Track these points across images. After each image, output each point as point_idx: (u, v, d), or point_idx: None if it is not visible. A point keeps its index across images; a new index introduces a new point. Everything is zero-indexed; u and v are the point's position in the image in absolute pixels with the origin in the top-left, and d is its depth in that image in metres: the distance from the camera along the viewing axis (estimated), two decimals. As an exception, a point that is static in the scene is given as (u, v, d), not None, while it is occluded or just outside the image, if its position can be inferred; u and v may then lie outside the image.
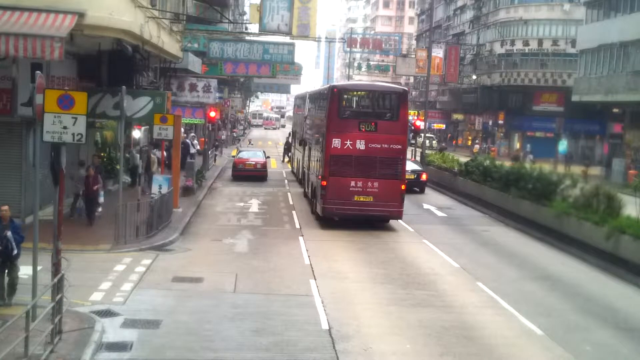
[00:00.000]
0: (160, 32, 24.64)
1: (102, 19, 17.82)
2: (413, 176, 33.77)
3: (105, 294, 14.68)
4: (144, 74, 26.64)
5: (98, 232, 20.39)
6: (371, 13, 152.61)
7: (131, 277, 16.08)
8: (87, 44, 20.79)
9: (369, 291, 16.05)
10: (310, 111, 32.07)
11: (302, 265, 18.35)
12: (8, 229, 12.76)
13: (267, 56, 34.87)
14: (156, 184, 23.25)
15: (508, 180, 27.63)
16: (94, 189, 21.57)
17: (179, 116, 28.01)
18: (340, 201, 23.64)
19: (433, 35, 63.07)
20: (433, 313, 14.51)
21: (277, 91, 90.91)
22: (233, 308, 14.15)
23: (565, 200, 23.29)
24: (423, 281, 17.21)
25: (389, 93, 25.87)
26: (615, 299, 16.60)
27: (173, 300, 14.58)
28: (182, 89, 39.10)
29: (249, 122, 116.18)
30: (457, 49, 76.75)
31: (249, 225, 24.18)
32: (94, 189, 21.55)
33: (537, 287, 17.26)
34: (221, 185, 35.63)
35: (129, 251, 18.69)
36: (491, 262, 20.10)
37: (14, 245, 12.81)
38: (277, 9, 31.82)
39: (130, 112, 22.76)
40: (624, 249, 19.06)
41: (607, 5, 50.58)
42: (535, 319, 14.34)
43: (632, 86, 45.59)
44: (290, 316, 13.81)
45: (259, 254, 19.58)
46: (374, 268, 18.37)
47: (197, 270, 17.25)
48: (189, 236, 21.66)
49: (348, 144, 23.61)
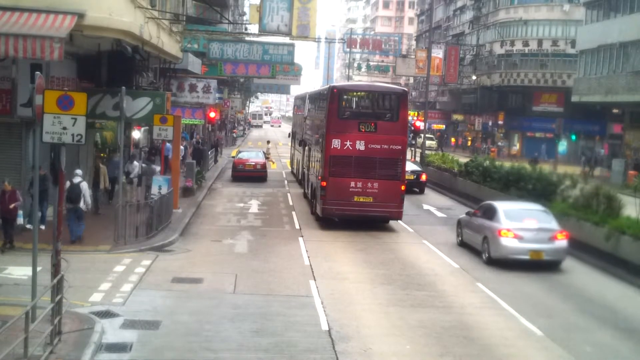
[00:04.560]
0: (160, 33, 24.62)
1: (102, 19, 17.82)
2: (413, 177, 33.75)
3: (105, 294, 14.68)
4: (144, 75, 26.63)
5: (98, 233, 20.34)
6: (371, 13, 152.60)
7: (131, 277, 16.08)
8: (86, 44, 20.77)
9: (369, 292, 16.04)
10: (310, 112, 32.07)
11: (302, 266, 18.34)
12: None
13: (266, 57, 34.87)
14: (156, 185, 23.25)
15: (508, 180, 27.63)
16: (10, 208, 17.67)
17: (178, 117, 28.03)
18: (340, 202, 23.62)
19: (433, 35, 63.06)
20: (433, 314, 14.51)
21: (276, 92, 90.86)
22: (233, 309, 14.14)
23: (565, 201, 23.30)
24: (423, 282, 17.20)
25: (389, 93, 25.87)
26: (615, 300, 16.60)
27: (173, 300, 14.57)
28: (182, 90, 39.14)
29: (248, 122, 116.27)
30: (456, 50, 76.75)
31: (249, 226, 24.17)
32: (9, 208, 17.66)
33: (537, 288, 17.25)
34: (221, 185, 35.63)
35: (129, 252, 18.70)
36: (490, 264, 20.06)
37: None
38: (277, 9, 31.82)
39: (130, 113, 22.74)
40: (623, 250, 19.07)
41: (606, 6, 50.60)
42: (535, 319, 14.33)
43: (632, 86, 45.60)
44: (290, 317, 13.80)
45: (258, 254, 19.57)
46: (374, 269, 18.36)
47: (197, 270, 17.24)
48: (188, 237, 21.66)
49: (348, 144, 23.59)
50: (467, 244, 21.54)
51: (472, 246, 21.04)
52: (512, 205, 20.94)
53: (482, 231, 20.18)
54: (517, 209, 20.45)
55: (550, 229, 19.24)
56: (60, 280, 11.40)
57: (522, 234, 18.93)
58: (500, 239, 19.04)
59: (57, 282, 11.27)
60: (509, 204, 21.34)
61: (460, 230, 22.22)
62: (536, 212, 20.23)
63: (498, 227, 19.26)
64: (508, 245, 18.94)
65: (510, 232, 18.96)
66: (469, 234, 21.44)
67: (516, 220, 19.40)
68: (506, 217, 19.49)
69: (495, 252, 19.34)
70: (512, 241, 18.91)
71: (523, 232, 18.97)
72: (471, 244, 21.19)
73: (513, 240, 18.91)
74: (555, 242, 19.06)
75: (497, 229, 19.21)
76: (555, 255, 19.17)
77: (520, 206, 20.93)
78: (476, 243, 20.64)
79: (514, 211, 20.05)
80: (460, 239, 22.20)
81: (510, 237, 18.93)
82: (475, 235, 20.71)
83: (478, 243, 20.39)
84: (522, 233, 18.94)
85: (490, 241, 19.49)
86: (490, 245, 19.49)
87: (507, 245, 18.95)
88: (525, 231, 18.99)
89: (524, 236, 18.92)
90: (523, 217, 19.64)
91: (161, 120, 23.62)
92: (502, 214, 19.65)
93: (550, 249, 18.99)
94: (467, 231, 21.55)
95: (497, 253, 19.28)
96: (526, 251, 18.86)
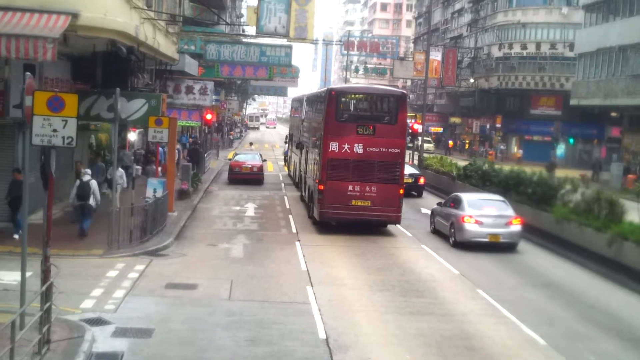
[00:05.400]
0: (156, 34, 24.29)
1: (96, 19, 17.49)
2: (411, 180, 33.50)
3: (97, 301, 14.31)
4: (140, 76, 26.27)
5: (91, 237, 19.98)
6: (369, 16, 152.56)
7: (124, 283, 15.70)
8: (81, 45, 20.44)
9: (367, 299, 15.69)
10: (307, 114, 31.73)
11: (299, 272, 18.00)
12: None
13: (264, 58, 34.68)
14: (151, 188, 22.88)
15: (507, 184, 27.28)
16: None
17: (174, 119, 27.67)
18: (338, 205, 23.28)
19: (431, 38, 62.80)
20: (433, 322, 14.16)
21: (274, 94, 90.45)
22: (228, 316, 13.77)
23: (566, 206, 22.97)
24: (422, 288, 16.86)
25: (388, 96, 25.55)
26: (618, 308, 16.25)
27: (166, 307, 14.20)
28: (178, 92, 38.78)
29: (245, 124, 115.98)
30: (454, 52, 76.57)
31: (245, 229, 23.82)
32: None
33: (539, 295, 16.93)
34: (217, 188, 35.28)
35: (122, 256, 18.32)
36: (491, 268, 19.77)
37: None
38: (274, 11, 31.70)
39: (125, 115, 22.48)
40: (626, 256, 18.73)
41: (606, 9, 50.35)
42: (537, 328, 13.98)
43: (631, 90, 45.36)
44: (287, 325, 13.44)
45: (255, 259, 19.22)
46: (372, 274, 18.02)
47: (192, 276, 16.88)
48: (183, 241, 21.30)
49: (346, 147, 23.26)
50: (438, 231, 24.14)
51: (442, 232, 23.60)
52: (475, 196, 24.02)
53: (449, 219, 22.84)
54: (479, 199, 23.46)
55: (507, 216, 22.03)
56: (49, 287, 11.05)
57: (482, 220, 21.70)
58: (464, 224, 21.80)
59: (46, 289, 10.92)
60: (472, 194, 24.65)
61: (433, 219, 24.86)
62: (496, 201, 23.09)
63: (462, 214, 21.96)
64: (470, 229, 21.71)
65: (472, 219, 21.71)
66: (440, 222, 23.97)
67: (477, 208, 22.20)
68: (469, 206, 22.25)
69: (459, 236, 22.01)
70: (473, 226, 21.70)
71: (483, 218, 21.75)
72: (441, 230, 23.76)
73: (474, 226, 21.70)
74: (511, 226, 21.91)
75: (461, 216, 21.92)
76: (510, 238, 21.94)
77: (482, 197, 24.14)
78: (445, 229, 23.24)
79: (476, 201, 22.94)
80: (433, 227, 24.80)
81: (472, 223, 21.70)
82: (444, 222, 23.33)
83: (446, 229, 23.02)
84: (482, 219, 21.71)
85: (456, 227, 22.19)
86: (456, 230, 22.19)
87: (470, 229, 21.72)
88: (485, 217, 21.77)
89: (484, 222, 21.70)
90: (483, 205, 22.51)
91: (156, 122, 23.24)
92: (466, 203, 22.42)
93: (506, 233, 21.81)
94: (439, 219, 24.10)
95: (461, 237, 21.94)
96: (485, 234, 21.65)
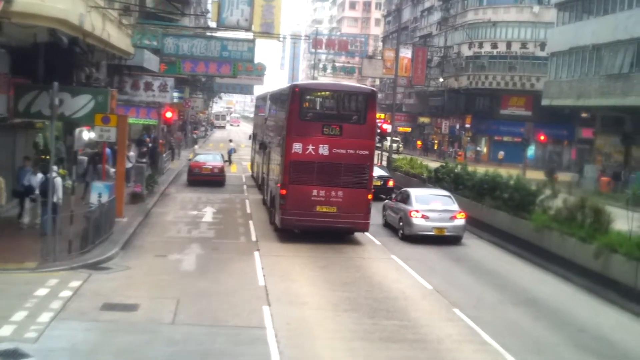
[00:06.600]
0: (106, 25, 22.26)
1: (32, 5, 15.70)
2: (380, 182, 31.87)
3: (17, 327, 12.27)
4: (86, 70, 24.20)
5: (27, 246, 17.95)
6: (337, 14, 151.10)
7: (53, 304, 13.67)
8: (20, 34, 18.44)
9: (331, 321, 13.86)
10: (270, 112, 29.88)
11: (256, 287, 16.14)
12: None
13: (225, 53, 32.85)
14: (95, 192, 20.86)
15: (482, 188, 25.72)
16: None
17: (123, 116, 25.50)
18: (301, 212, 21.47)
19: (400, 36, 61.32)
20: (406, 349, 12.40)
21: (240, 92, 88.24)
22: (168, 346, 11.84)
23: (546, 213, 21.38)
24: (392, 307, 15.07)
25: (356, 94, 23.81)
26: (610, 330, 14.56)
27: (97, 335, 12.19)
28: (136, 88, 36.71)
29: (211, 123, 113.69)
30: (424, 51, 75.20)
31: (200, 237, 21.90)
32: None
33: (521, 314, 15.24)
34: (175, 190, 33.24)
35: (58, 270, 16.30)
36: (467, 282, 18.09)
37: None
38: (236, 2, 30.17)
39: (69, 112, 20.74)
40: (615, 270, 17.10)
41: (579, 8, 49.12)
42: (524, 356, 12.31)
43: (605, 90, 44.16)
44: (237, 357, 11.54)
45: (207, 272, 17.32)
46: (337, 291, 16.21)
47: (133, 294, 14.89)
48: (130, 251, 19.31)
49: (310, 149, 21.48)
50: (389, 224, 25.05)
51: (393, 225, 24.48)
52: (422, 192, 25.50)
53: (399, 213, 23.79)
54: (426, 194, 24.73)
55: (452, 210, 23.11)
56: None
57: (428, 214, 22.71)
58: (412, 218, 22.73)
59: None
60: (420, 190, 26.36)
61: (385, 212, 25.75)
62: (441, 197, 24.28)
63: (410, 209, 22.91)
64: (417, 223, 22.65)
65: (419, 213, 22.69)
66: (390, 216, 24.90)
67: (424, 203, 23.20)
68: (416, 201, 23.27)
69: (408, 230, 22.88)
70: (420, 220, 22.66)
71: (429, 212, 22.76)
72: (392, 223, 24.64)
73: (421, 220, 22.68)
74: (455, 220, 22.94)
75: (409, 210, 22.87)
76: (455, 231, 22.94)
77: (429, 192, 25.68)
78: (395, 223, 24.14)
79: (423, 196, 24.05)
80: (384, 220, 25.66)
81: (419, 217, 22.67)
82: (394, 216, 24.23)
83: (396, 222, 23.91)
84: (428, 213, 22.73)
85: (404, 220, 23.04)
86: (404, 224, 23.02)
87: (417, 223, 22.66)
88: (431, 212, 22.79)
89: (430, 216, 22.71)
90: (430, 200, 23.58)
91: (103, 120, 21.30)
92: (414, 199, 23.46)
93: (451, 226, 22.84)
94: (389, 213, 25.05)
95: (409, 230, 22.82)
96: (431, 228, 22.63)
